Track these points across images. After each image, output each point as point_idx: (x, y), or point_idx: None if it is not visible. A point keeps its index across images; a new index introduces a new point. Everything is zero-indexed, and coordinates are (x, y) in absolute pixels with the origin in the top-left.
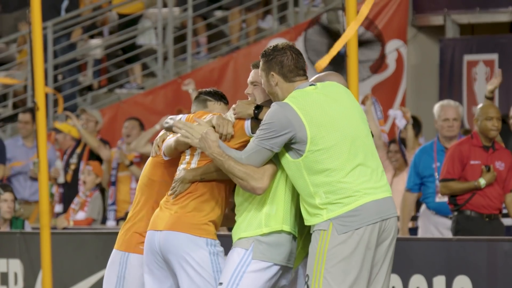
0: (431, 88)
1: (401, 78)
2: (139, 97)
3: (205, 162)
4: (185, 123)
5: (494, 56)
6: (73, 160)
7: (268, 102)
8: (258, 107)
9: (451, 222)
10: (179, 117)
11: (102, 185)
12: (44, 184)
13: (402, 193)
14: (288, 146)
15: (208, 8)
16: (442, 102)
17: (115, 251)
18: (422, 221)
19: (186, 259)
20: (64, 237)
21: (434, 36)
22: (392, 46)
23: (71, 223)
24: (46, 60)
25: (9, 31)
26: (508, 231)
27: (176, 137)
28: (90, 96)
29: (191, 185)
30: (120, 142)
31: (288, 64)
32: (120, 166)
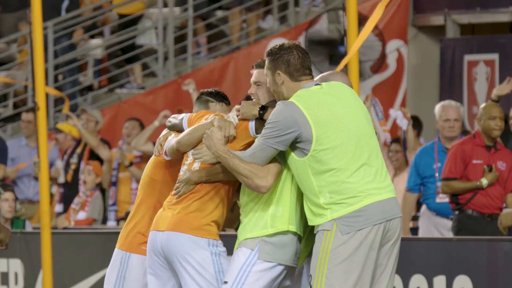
0: (432, 88)
1: (401, 78)
2: (140, 97)
3: (207, 163)
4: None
5: (495, 56)
6: (73, 160)
7: (273, 103)
8: (263, 108)
9: (451, 222)
10: (181, 116)
11: (103, 185)
12: (44, 184)
13: (403, 193)
14: (293, 145)
15: (209, 8)
16: (443, 103)
17: (117, 250)
18: (422, 221)
19: (188, 259)
20: (65, 237)
21: (435, 36)
22: (393, 46)
23: (72, 223)
24: (46, 60)
25: (9, 31)
26: (508, 231)
27: (178, 137)
28: (91, 96)
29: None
30: (121, 143)
31: (294, 63)
32: (121, 167)
